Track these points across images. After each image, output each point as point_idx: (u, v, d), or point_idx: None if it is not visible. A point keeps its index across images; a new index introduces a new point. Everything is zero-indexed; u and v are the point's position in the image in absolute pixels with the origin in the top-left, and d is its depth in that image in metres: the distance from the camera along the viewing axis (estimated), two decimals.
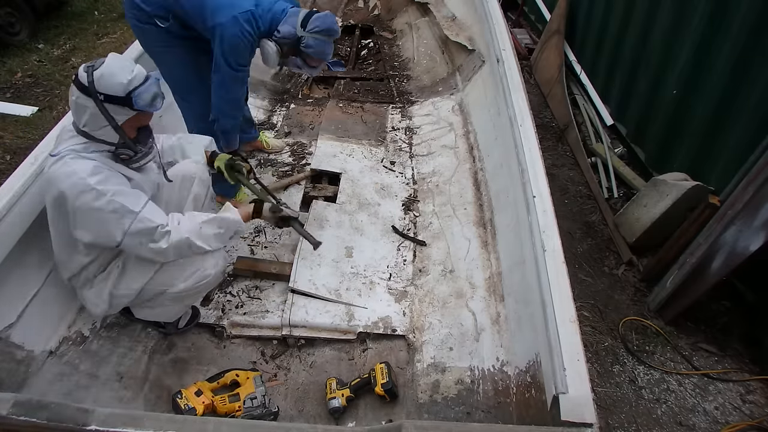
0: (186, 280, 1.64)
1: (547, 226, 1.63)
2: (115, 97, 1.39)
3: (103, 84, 1.37)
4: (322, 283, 2.07)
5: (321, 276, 2.11)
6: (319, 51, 2.03)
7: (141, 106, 1.42)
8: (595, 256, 2.75)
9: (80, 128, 1.45)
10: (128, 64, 1.44)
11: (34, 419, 1.15)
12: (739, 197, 1.98)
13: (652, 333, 2.34)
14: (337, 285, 2.10)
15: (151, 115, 1.52)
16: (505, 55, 2.51)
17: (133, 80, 1.40)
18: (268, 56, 2.02)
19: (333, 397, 1.71)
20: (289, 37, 1.99)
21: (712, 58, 2.46)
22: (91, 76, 1.37)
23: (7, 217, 1.62)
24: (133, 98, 1.40)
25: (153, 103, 1.44)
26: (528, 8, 5.11)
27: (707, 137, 2.53)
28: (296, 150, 2.91)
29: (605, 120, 3.53)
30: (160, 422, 1.19)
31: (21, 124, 3.63)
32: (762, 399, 2.08)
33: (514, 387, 1.63)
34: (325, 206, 2.46)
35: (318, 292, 2.03)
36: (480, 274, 2.09)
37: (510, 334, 1.80)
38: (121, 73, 1.39)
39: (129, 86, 1.40)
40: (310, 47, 2.00)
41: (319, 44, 2.00)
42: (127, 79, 1.39)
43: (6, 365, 1.59)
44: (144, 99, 1.41)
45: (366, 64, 4.12)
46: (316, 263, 2.15)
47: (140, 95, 1.41)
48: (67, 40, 4.99)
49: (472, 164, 2.68)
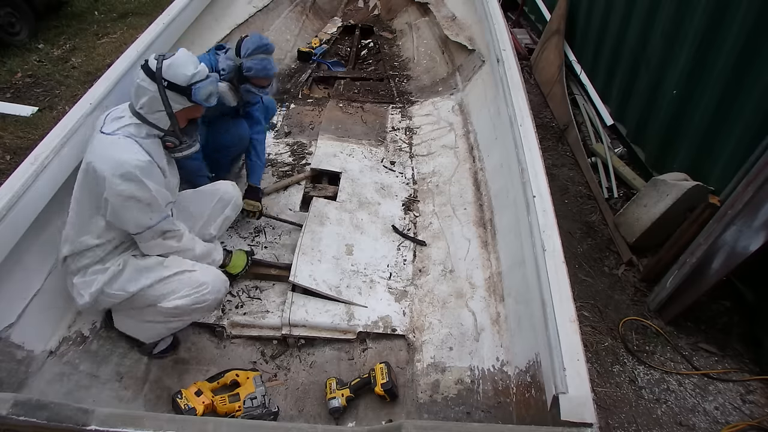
0: (182, 298, 1.64)
1: (547, 226, 1.63)
2: (177, 86, 1.55)
3: (170, 72, 1.54)
4: (322, 279, 2.07)
5: (322, 272, 2.11)
6: (260, 69, 2.07)
7: (198, 98, 1.57)
8: (595, 256, 2.75)
9: (136, 109, 1.58)
10: (194, 60, 1.61)
11: (34, 419, 1.15)
12: (739, 197, 1.98)
13: (652, 333, 2.34)
14: (338, 282, 2.09)
15: (202, 109, 1.67)
16: (505, 55, 2.51)
17: (196, 75, 1.57)
18: (225, 96, 2.08)
19: (333, 397, 1.71)
20: (232, 70, 2.09)
21: (712, 58, 2.46)
22: (160, 63, 1.54)
23: (7, 217, 1.61)
24: (194, 90, 1.56)
25: (209, 98, 1.60)
26: (528, 8, 5.11)
27: (707, 137, 2.53)
28: (296, 150, 2.91)
29: (605, 120, 3.53)
30: (160, 422, 1.19)
31: (21, 124, 3.63)
32: (762, 399, 2.08)
33: (514, 387, 1.63)
34: (326, 203, 2.46)
35: (318, 288, 2.03)
36: (480, 274, 2.09)
37: (510, 334, 1.80)
38: (187, 66, 1.56)
39: (192, 79, 1.56)
40: (251, 69, 2.06)
41: (258, 63, 2.06)
42: (192, 72, 1.56)
43: (6, 365, 1.59)
44: (202, 93, 1.57)
45: (366, 64, 4.12)
46: (316, 259, 2.15)
47: (199, 89, 1.56)
48: (67, 40, 4.99)
49: (472, 164, 2.68)
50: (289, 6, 4.28)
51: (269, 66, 2.10)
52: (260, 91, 2.16)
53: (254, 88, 2.13)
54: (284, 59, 3.85)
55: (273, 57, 2.15)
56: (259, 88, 2.15)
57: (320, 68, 3.89)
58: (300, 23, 4.28)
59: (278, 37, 3.94)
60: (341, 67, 3.95)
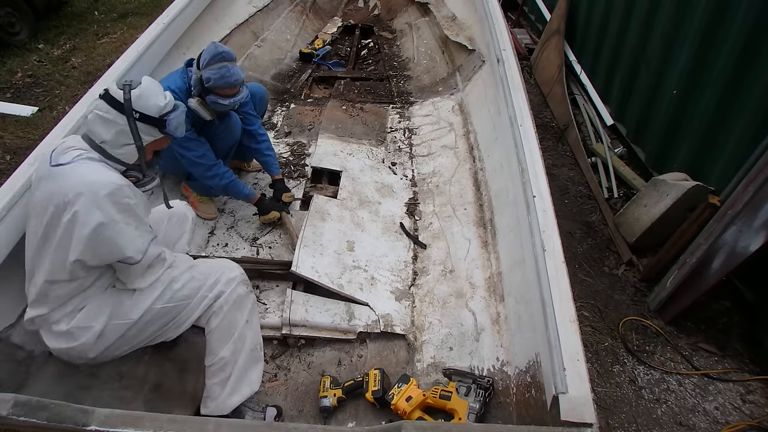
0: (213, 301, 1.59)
1: (547, 226, 1.63)
2: (149, 117, 1.44)
3: (140, 103, 1.42)
4: (324, 272, 2.07)
5: (324, 265, 2.11)
6: (218, 78, 1.99)
7: (170, 130, 1.49)
8: (595, 256, 2.75)
9: (97, 144, 1.43)
10: (162, 89, 1.51)
11: (34, 419, 1.15)
12: (739, 197, 1.98)
13: (652, 333, 2.34)
14: (339, 275, 2.09)
15: (168, 141, 1.58)
16: (505, 55, 2.51)
17: (167, 105, 1.48)
18: (197, 111, 2.06)
19: (324, 396, 1.72)
20: (197, 84, 2.04)
21: (712, 58, 2.46)
22: (128, 93, 1.40)
23: (8, 217, 1.62)
24: (167, 121, 1.47)
25: (179, 129, 1.52)
26: (528, 8, 5.11)
27: (707, 137, 2.53)
28: (296, 150, 2.91)
29: (605, 120, 3.53)
30: (160, 422, 1.19)
31: (21, 124, 3.63)
32: (762, 399, 2.08)
33: (514, 387, 1.63)
34: (327, 201, 2.46)
35: (321, 281, 2.02)
36: (480, 274, 2.09)
37: (510, 334, 1.80)
38: (158, 96, 1.47)
39: (164, 109, 1.47)
40: (210, 79, 1.99)
41: (217, 72, 1.99)
42: (164, 102, 1.47)
43: (6, 365, 1.59)
44: (173, 124, 1.49)
45: (366, 64, 4.12)
46: (318, 252, 2.15)
47: (172, 120, 1.48)
48: (67, 40, 5.00)
49: (472, 164, 2.68)
50: (289, 6, 4.28)
51: (228, 74, 2.00)
52: (228, 100, 2.06)
53: (220, 98, 2.04)
54: (284, 59, 3.85)
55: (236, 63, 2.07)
56: (226, 97, 2.05)
57: (320, 68, 3.89)
58: (300, 23, 4.28)
59: (278, 37, 3.95)
60: (341, 67, 3.95)
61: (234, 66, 2.04)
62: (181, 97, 2.06)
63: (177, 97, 2.05)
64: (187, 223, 1.92)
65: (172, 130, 1.50)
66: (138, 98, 1.42)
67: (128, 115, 1.41)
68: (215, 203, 2.50)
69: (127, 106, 1.40)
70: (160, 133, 1.49)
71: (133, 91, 1.42)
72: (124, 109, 1.41)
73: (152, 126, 1.46)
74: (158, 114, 1.45)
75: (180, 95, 2.07)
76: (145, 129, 1.45)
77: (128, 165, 1.49)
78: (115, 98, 1.40)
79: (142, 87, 1.44)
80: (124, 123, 1.41)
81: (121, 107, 1.40)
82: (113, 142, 1.43)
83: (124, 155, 1.46)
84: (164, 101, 1.48)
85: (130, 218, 1.41)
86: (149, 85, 1.47)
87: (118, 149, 1.44)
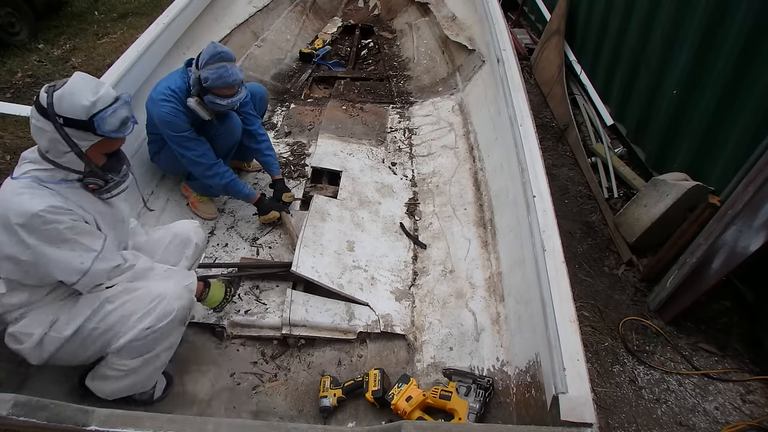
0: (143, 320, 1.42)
1: (547, 226, 1.63)
2: (76, 121, 1.26)
3: (63, 106, 1.25)
4: (325, 272, 2.07)
5: (324, 265, 2.11)
6: (216, 78, 1.98)
7: (105, 131, 1.30)
8: (595, 256, 2.75)
9: (44, 154, 1.32)
10: (93, 85, 1.31)
11: (34, 419, 1.16)
12: (739, 197, 1.98)
13: (652, 333, 2.34)
14: (339, 275, 2.09)
15: (122, 140, 1.39)
16: (505, 55, 2.51)
17: (97, 102, 1.28)
18: (196, 111, 2.07)
19: (324, 396, 1.72)
20: (196, 83, 2.04)
21: (712, 58, 2.46)
22: (51, 97, 1.25)
23: None
24: (96, 122, 1.28)
25: (121, 127, 1.33)
26: (528, 8, 5.11)
27: (707, 137, 2.53)
28: (296, 150, 2.91)
29: (605, 120, 3.53)
30: (160, 422, 1.19)
31: (21, 124, 3.63)
32: (762, 399, 2.08)
33: (514, 387, 1.63)
34: (327, 201, 2.46)
35: (321, 280, 2.02)
36: (480, 274, 2.09)
37: (510, 334, 1.80)
38: (84, 94, 1.27)
39: (92, 109, 1.27)
40: (208, 79, 1.99)
41: (215, 72, 1.98)
42: (90, 101, 1.27)
43: (6, 365, 1.59)
44: (110, 123, 1.29)
45: (366, 64, 4.12)
46: (318, 252, 2.15)
47: (104, 119, 1.28)
48: (67, 40, 5.00)
49: (472, 164, 2.68)
50: (289, 6, 4.28)
51: (226, 74, 1.99)
52: (225, 101, 2.05)
53: (218, 98, 2.04)
54: (284, 59, 3.85)
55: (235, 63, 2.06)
56: (224, 97, 2.05)
57: (320, 68, 3.89)
58: (300, 23, 4.28)
59: (278, 37, 3.95)
60: (341, 67, 3.95)
61: (233, 66, 2.04)
62: (180, 97, 2.07)
63: (176, 96, 2.06)
64: (190, 247, 1.78)
65: (109, 130, 1.30)
66: (60, 100, 1.25)
67: (52, 121, 1.26)
68: (215, 203, 2.50)
69: (50, 112, 1.25)
70: (96, 136, 1.30)
71: (56, 92, 1.26)
72: (48, 115, 1.26)
73: (81, 130, 1.28)
74: (86, 115, 1.27)
75: (180, 95, 2.07)
76: (76, 134, 1.28)
77: (81, 172, 1.36)
78: (41, 104, 1.26)
79: (65, 86, 1.27)
80: (52, 130, 1.27)
81: (45, 113, 1.26)
82: (53, 150, 1.30)
83: (69, 163, 1.33)
84: (91, 98, 1.27)
85: (60, 242, 1.29)
86: (74, 82, 1.28)
87: (61, 158, 1.31)
